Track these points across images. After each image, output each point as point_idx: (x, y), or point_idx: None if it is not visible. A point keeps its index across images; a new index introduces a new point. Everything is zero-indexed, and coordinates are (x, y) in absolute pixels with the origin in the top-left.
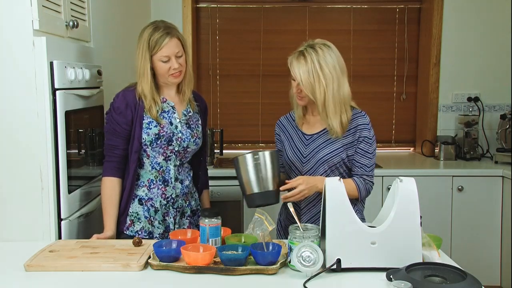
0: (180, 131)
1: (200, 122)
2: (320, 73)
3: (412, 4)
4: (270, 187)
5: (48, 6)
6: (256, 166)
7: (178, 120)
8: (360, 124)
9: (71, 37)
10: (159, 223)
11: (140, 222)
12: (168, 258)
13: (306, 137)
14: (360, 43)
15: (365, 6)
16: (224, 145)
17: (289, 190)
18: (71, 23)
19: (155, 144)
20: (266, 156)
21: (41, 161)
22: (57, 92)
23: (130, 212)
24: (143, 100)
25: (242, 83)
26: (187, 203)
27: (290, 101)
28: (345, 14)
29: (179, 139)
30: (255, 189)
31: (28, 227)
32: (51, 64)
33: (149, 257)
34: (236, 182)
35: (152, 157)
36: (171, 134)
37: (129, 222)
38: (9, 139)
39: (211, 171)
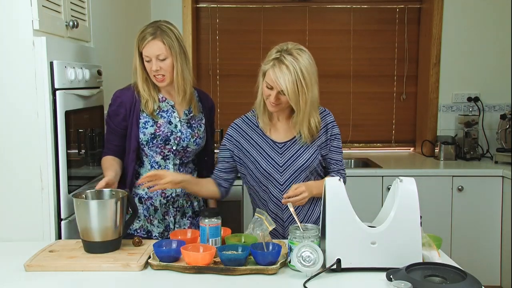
0: (180, 130)
1: (203, 121)
2: (303, 82)
3: (412, 4)
4: (114, 236)
5: (48, 6)
6: (100, 214)
7: (178, 119)
8: (330, 122)
9: (71, 37)
10: (158, 222)
11: (139, 221)
12: (168, 258)
13: (278, 145)
14: (360, 43)
15: (365, 6)
16: None
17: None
18: (71, 23)
19: (151, 143)
20: (112, 203)
21: (41, 161)
22: (57, 92)
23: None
24: (140, 96)
25: (242, 83)
26: (189, 204)
27: (255, 108)
28: (345, 14)
29: (178, 138)
30: (96, 238)
31: (28, 227)
32: (51, 64)
33: (149, 257)
34: (236, 182)
35: (150, 156)
36: (169, 133)
37: None
38: (9, 139)
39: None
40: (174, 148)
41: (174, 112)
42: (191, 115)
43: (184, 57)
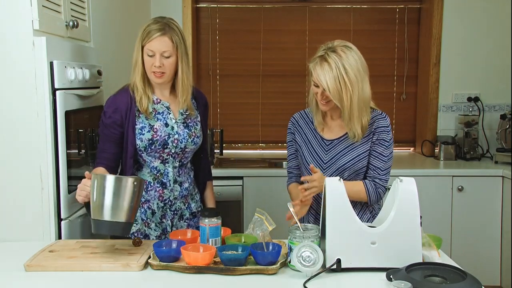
0: (177, 132)
1: (199, 119)
2: (346, 79)
3: (412, 4)
4: (123, 218)
5: (48, 6)
6: (116, 192)
7: (174, 121)
8: (380, 127)
9: (71, 37)
10: (155, 225)
11: (136, 224)
12: (168, 258)
13: (325, 142)
14: (360, 43)
15: (365, 6)
16: (224, 145)
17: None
18: (71, 23)
19: (149, 149)
20: (129, 183)
21: (41, 161)
22: (57, 92)
23: None
24: (135, 92)
25: (242, 83)
26: (186, 206)
27: (309, 105)
28: (345, 14)
29: (175, 141)
30: (106, 217)
31: (28, 227)
32: (51, 64)
33: (149, 257)
34: (236, 182)
35: (148, 161)
36: (166, 136)
37: None
38: (9, 139)
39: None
40: (173, 151)
41: (169, 113)
42: (186, 114)
43: (187, 57)
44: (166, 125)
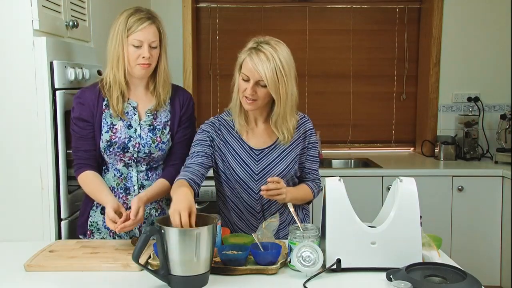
0: (139, 135)
1: (169, 123)
2: (282, 71)
3: (412, 4)
4: (202, 270)
5: (48, 6)
6: (187, 245)
7: (138, 123)
8: (309, 129)
9: (71, 37)
10: (124, 233)
11: (100, 233)
12: None
13: (255, 152)
14: (360, 43)
15: (365, 6)
16: None
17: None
18: (71, 23)
19: (108, 151)
20: (203, 233)
21: (41, 161)
22: (57, 92)
23: (90, 222)
24: (112, 91)
25: None
26: (159, 212)
27: (231, 109)
28: (345, 14)
29: (137, 145)
30: (180, 272)
31: (28, 227)
32: (51, 64)
33: (149, 257)
34: None
35: (110, 164)
36: (126, 139)
37: (88, 232)
38: (9, 139)
39: (211, 171)
40: (135, 155)
41: (135, 114)
42: (152, 116)
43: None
44: (129, 126)
